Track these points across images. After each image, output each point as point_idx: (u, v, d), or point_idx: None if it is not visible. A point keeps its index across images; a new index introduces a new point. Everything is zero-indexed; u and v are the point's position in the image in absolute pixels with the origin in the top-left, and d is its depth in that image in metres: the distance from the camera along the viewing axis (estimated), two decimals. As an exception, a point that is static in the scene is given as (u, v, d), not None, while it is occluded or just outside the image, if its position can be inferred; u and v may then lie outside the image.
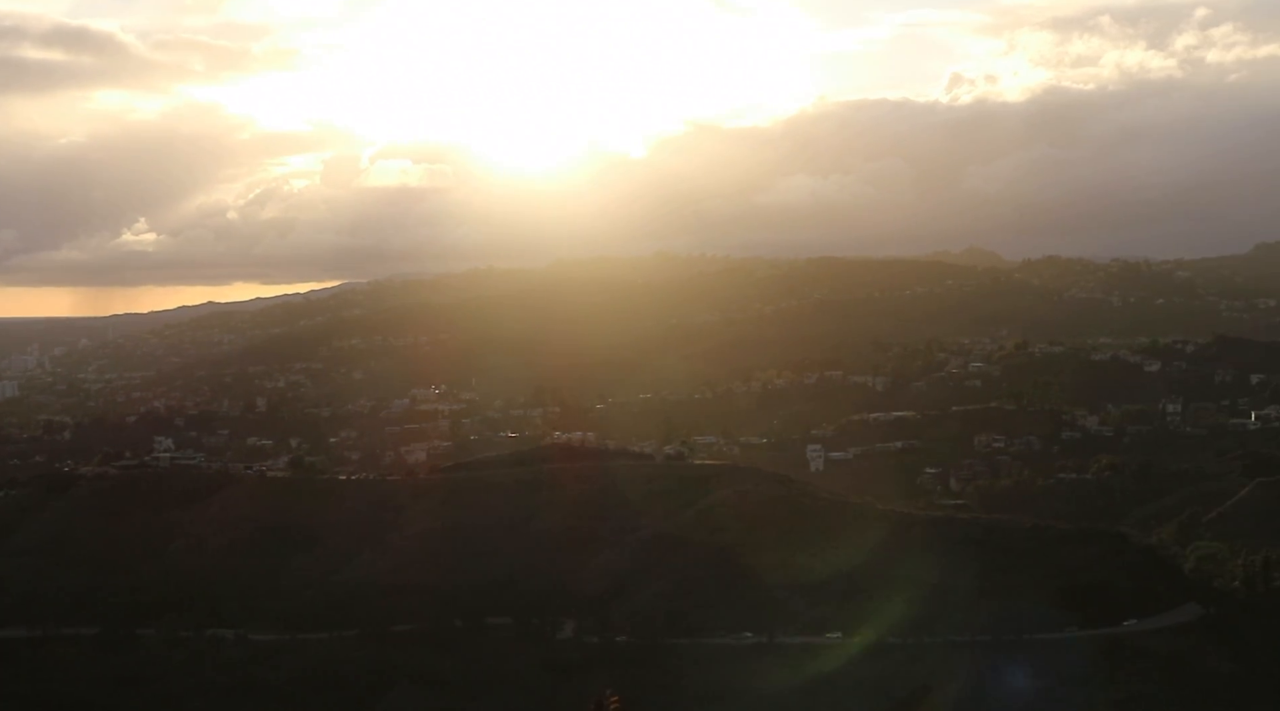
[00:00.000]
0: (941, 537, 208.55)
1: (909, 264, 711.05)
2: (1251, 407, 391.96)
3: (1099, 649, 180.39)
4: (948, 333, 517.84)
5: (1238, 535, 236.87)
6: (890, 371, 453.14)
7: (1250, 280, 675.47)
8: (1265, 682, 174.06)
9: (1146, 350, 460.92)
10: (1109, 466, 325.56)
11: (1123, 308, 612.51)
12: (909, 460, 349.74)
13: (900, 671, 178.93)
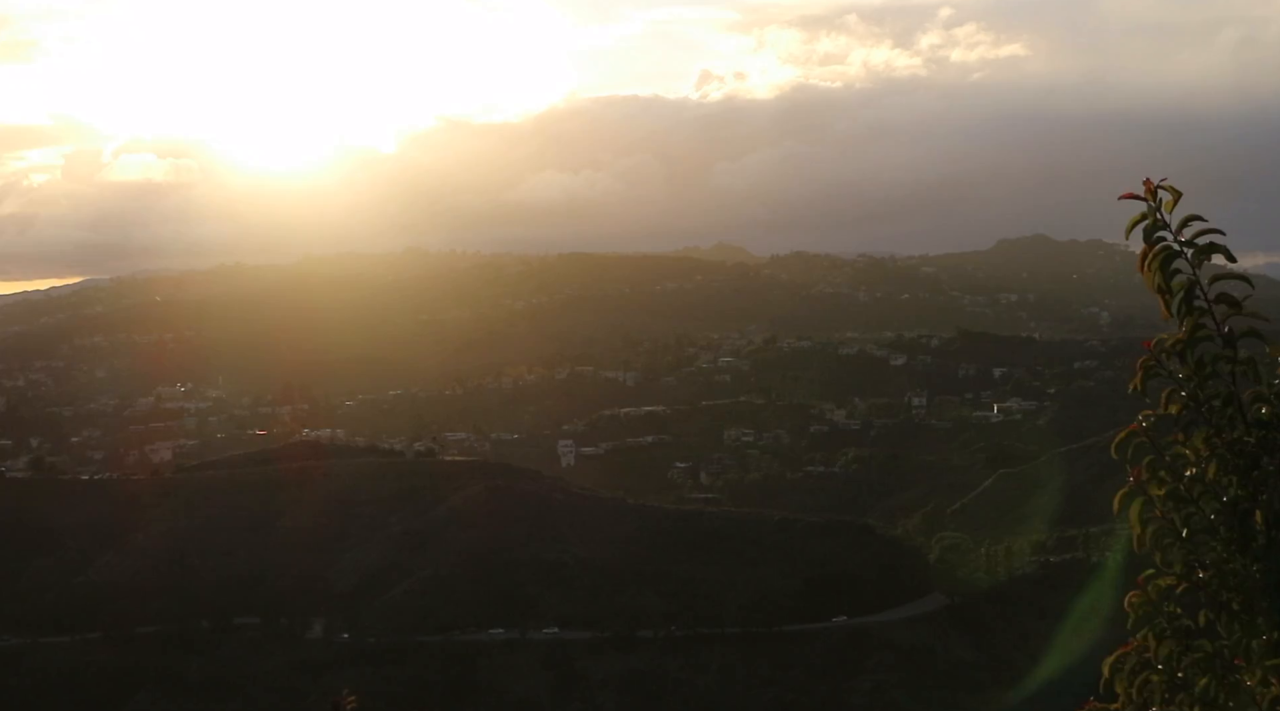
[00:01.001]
0: (691, 531, 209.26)
1: (659, 259, 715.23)
2: (994, 400, 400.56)
3: (846, 639, 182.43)
4: (697, 328, 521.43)
5: (981, 526, 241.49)
6: (641, 366, 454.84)
7: (992, 275, 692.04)
8: (1006, 670, 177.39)
9: (892, 344, 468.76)
10: (856, 459, 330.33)
11: (869, 303, 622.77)
12: (659, 454, 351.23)
13: (652, 665, 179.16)
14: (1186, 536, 8.36)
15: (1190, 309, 8.19)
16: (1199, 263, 8.18)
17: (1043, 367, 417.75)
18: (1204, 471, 8.28)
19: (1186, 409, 8.32)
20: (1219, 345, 8.22)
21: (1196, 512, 8.34)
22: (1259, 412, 8.21)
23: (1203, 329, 8.20)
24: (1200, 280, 8.20)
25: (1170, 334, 8.32)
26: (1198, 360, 8.23)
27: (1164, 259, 8.21)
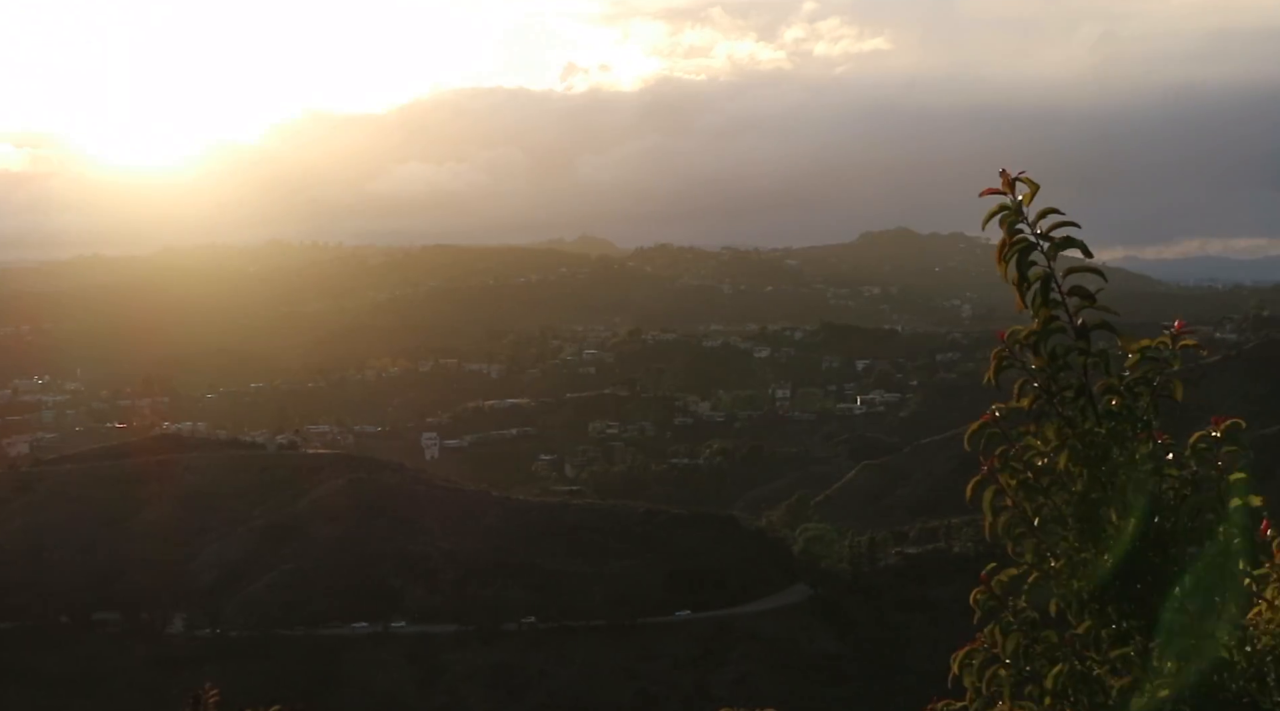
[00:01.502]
0: (556, 524, 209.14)
1: (523, 252, 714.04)
2: (857, 392, 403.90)
3: (711, 631, 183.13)
4: (562, 320, 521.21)
5: (844, 517, 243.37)
6: (505, 359, 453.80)
7: (856, 268, 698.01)
8: (869, 660, 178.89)
9: (756, 337, 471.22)
10: (720, 451, 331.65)
11: (733, 295, 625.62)
12: (524, 447, 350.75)
13: (516, 658, 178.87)
14: (1038, 526, 8.42)
15: (1045, 301, 8.24)
16: (1054, 255, 8.24)
17: (905, 360, 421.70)
18: (1055, 462, 8.34)
19: (1039, 400, 8.38)
20: (1072, 337, 8.28)
21: (1047, 502, 8.40)
22: (1109, 404, 8.28)
23: (1056, 321, 8.26)
24: (1055, 273, 8.26)
25: (1024, 326, 8.38)
26: (1050, 352, 8.28)
27: (1020, 251, 8.26)
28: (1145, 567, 8.08)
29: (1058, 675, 8.31)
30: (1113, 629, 8.24)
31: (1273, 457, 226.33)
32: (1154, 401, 8.32)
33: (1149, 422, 8.29)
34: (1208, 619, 7.97)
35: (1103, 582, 8.13)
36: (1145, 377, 8.31)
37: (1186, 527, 8.08)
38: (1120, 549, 8.11)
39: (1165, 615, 8.08)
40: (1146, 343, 8.34)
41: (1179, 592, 8.06)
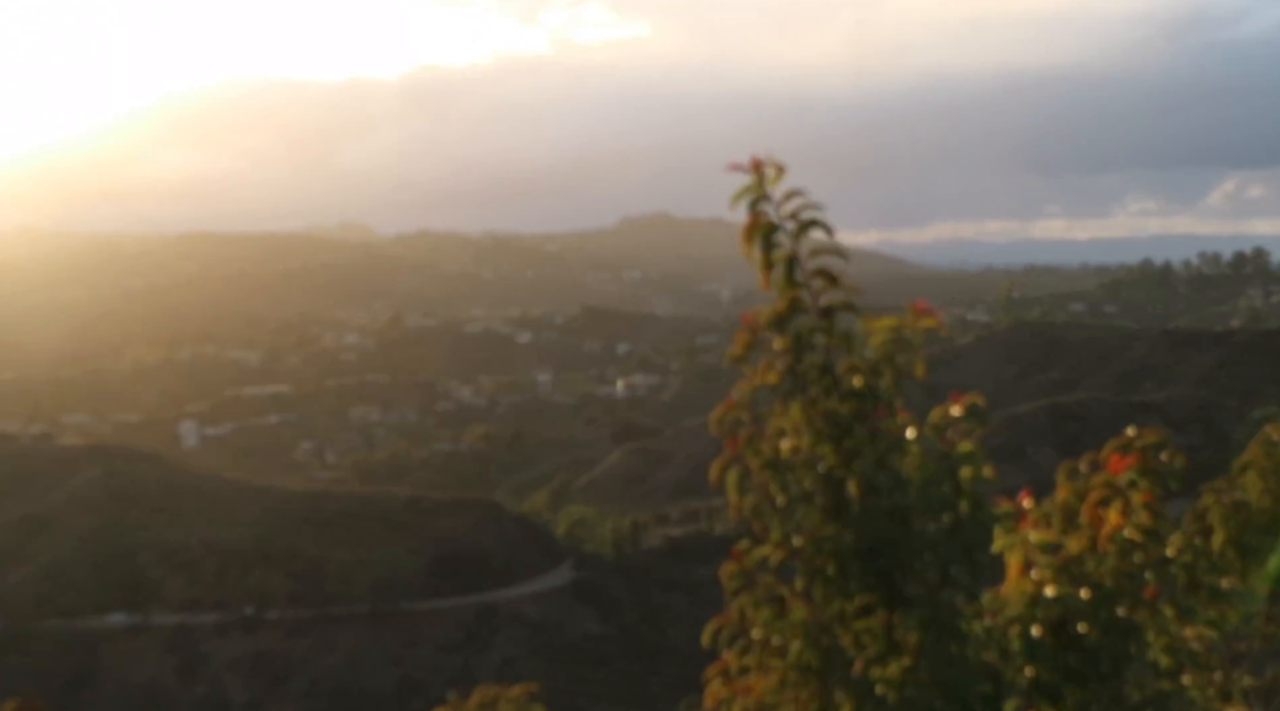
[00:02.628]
0: (318, 511, 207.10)
1: (282, 238, 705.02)
2: (619, 376, 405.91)
3: (475, 616, 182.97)
4: (322, 307, 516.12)
5: (607, 500, 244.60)
6: (265, 346, 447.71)
7: (616, 253, 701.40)
8: (631, 642, 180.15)
9: (518, 321, 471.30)
10: (483, 436, 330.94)
11: (495, 280, 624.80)
12: (285, 435, 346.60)
13: (278, 646, 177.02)
14: (783, 505, 8.56)
15: (789, 282, 8.37)
16: (799, 237, 8.36)
17: (665, 343, 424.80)
18: (800, 441, 8.48)
19: (784, 380, 8.51)
20: (816, 318, 8.42)
21: (793, 482, 8.54)
22: (852, 383, 8.44)
23: (800, 302, 8.40)
24: (799, 254, 8.39)
25: (770, 306, 8.50)
26: (795, 333, 8.41)
27: (765, 232, 8.38)
28: (887, 543, 8.27)
29: (801, 648, 8.47)
30: (857, 603, 8.41)
31: (1024, 436, 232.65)
32: (896, 380, 8.50)
33: (891, 401, 8.46)
34: (946, 590, 8.19)
35: (846, 558, 8.30)
36: (887, 357, 8.49)
37: (925, 502, 8.27)
38: (863, 525, 8.28)
39: (906, 588, 8.28)
40: (888, 322, 8.52)
41: (919, 566, 8.26)
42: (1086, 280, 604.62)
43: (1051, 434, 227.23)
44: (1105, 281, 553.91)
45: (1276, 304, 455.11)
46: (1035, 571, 9.00)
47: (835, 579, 8.40)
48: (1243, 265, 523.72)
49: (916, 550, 8.24)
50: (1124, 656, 8.95)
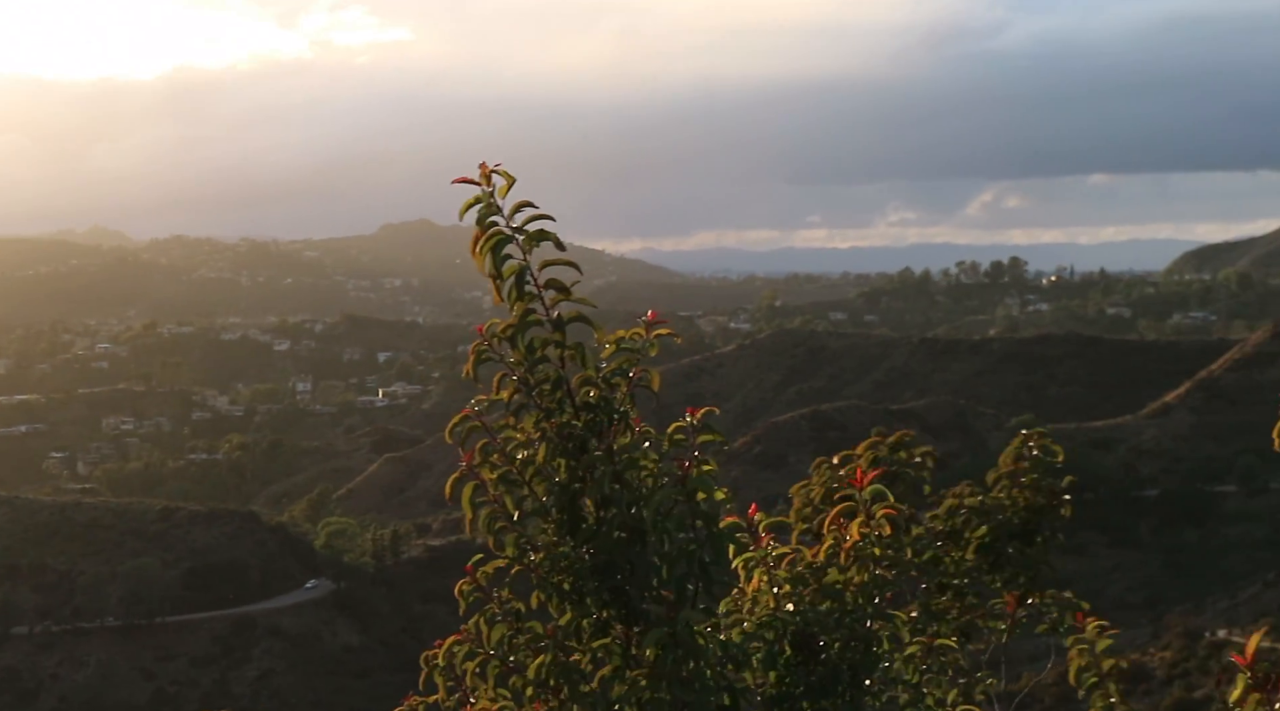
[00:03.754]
0: (68, 523, 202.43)
1: (31, 243, 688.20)
2: (379, 385, 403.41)
3: (231, 629, 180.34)
4: (74, 313, 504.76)
5: (367, 510, 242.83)
6: (13, 354, 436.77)
7: (377, 260, 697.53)
8: (390, 652, 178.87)
9: (276, 329, 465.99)
10: (239, 446, 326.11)
11: (252, 287, 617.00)
12: (34, 445, 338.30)
13: (26, 662, 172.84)
14: (518, 519, 8.45)
15: (521, 294, 8.26)
16: (530, 248, 8.25)
17: (427, 351, 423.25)
18: (535, 455, 8.38)
19: (518, 393, 8.40)
20: (549, 330, 8.32)
21: (528, 496, 8.44)
22: (587, 396, 8.35)
23: (533, 314, 8.28)
24: (531, 266, 8.27)
25: (502, 319, 8.38)
26: (528, 345, 8.30)
27: (495, 244, 8.25)
28: (623, 558, 8.19)
29: (540, 665, 8.37)
30: (593, 619, 8.33)
31: (785, 443, 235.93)
32: (631, 392, 8.42)
33: (626, 414, 8.39)
34: (683, 606, 8.12)
35: (582, 574, 8.21)
36: (621, 369, 8.41)
37: (660, 517, 8.21)
38: (600, 540, 8.20)
39: (643, 604, 8.21)
40: (621, 334, 8.44)
41: (655, 582, 8.20)
42: (847, 289, 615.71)
43: (813, 441, 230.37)
44: (866, 290, 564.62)
45: (1033, 313, 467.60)
46: (776, 584, 9.01)
47: (571, 594, 8.30)
48: (1000, 275, 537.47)
49: (653, 566, 8.18)
50: (864, 667, 8.99)
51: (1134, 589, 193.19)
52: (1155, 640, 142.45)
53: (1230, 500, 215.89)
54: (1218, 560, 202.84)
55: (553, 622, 8.41)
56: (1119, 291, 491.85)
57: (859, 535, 9.09)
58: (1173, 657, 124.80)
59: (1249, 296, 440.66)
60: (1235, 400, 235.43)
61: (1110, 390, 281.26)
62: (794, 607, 8.87)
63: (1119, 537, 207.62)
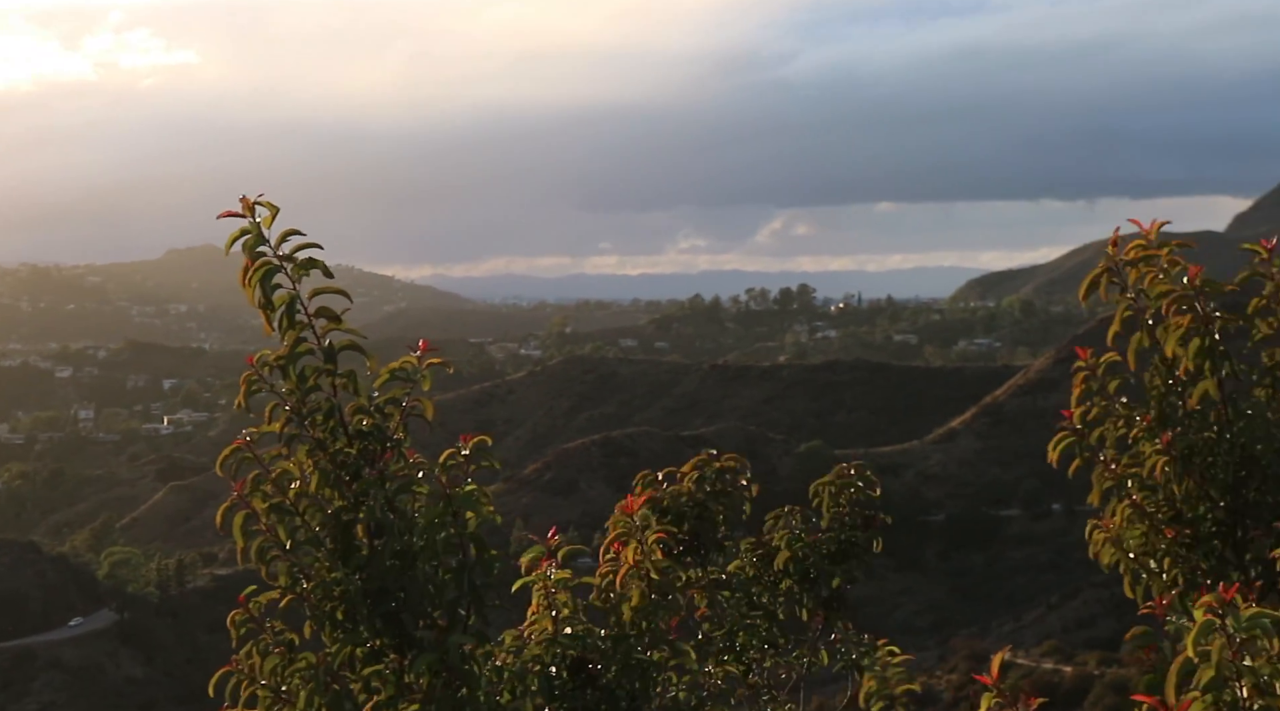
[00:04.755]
0: None
1: None
2: (164, 413, 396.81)
3: (10, 661, 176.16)
4: None
5: (152, 539, 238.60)
6: None
7: (162, 286, 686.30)
8: (175, 684, 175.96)
9: (57, 356, 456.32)
10: (19, 475, 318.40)
11: (33, 313, 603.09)
12: None
13: None
14: (291, 549, 8.43)
15: (292, 323, 8.25)
16: (299, 277, 8.25)
17: (214, 378, 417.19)
18: (308, 484, 8.37)
19: (290, 423, 8.38)
20: (320, 359, 8.32)
21: (301, 525, 8.42)
22: (360, 424, 8.36)
23: (304, 343, 8.28)
24: (301, 294, 8.27)
25: (273, 349, 8.37)
26: (300, 374, 8.30)
27: (264, 274, 8.24)
28: (395, 586, 8.20)
29: (310, 694, 8.34)
30: (367, 647, 8.32)
31: (576, 470, 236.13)
32: (404, 420, 8.45)
33: (400, 442, 8.41)
34: (455, 632, 8.16)
35: (354, 602, 8.20)
36: (395, 398, 8.44)
37: (431, 545, 8.25)
38: (372, 568, 8.21)
39: (416, 632, 8.23)
40: (395, 365, 8.47)
41: (428, 609, 8.22)
42: (638, 315, 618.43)
43: (603, 467, 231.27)
44: (656, 317, 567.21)
45: (821, 339, 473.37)
46: (555, 610, 9.06)
47: (344, 623, 8.29)
48: (789, 301, 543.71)
49: (425, 593, 8.20)
50: (643, 694, 9.07)
51: (921, 612, 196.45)
52: (942, 663, 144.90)
53: (1014, 524, 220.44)
54: (1003, 583, 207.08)
55: (324, 651, 8.39)
56: (905, 318, 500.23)
57: (633, 560, 9.19)
58: (959, 680, 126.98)
59: (1032, 323, 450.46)
60: (1019, 425, 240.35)
61: (897, 415, 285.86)
62: (572, 632, 8.93)
63: (906, 562, 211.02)
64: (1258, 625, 6.95)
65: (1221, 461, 9.04)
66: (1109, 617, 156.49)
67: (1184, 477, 9.08)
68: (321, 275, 8.23)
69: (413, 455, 8.49)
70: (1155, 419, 9.25)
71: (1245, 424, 9.03)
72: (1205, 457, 9.07)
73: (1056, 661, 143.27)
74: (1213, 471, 9.08)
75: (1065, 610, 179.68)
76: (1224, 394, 9.10)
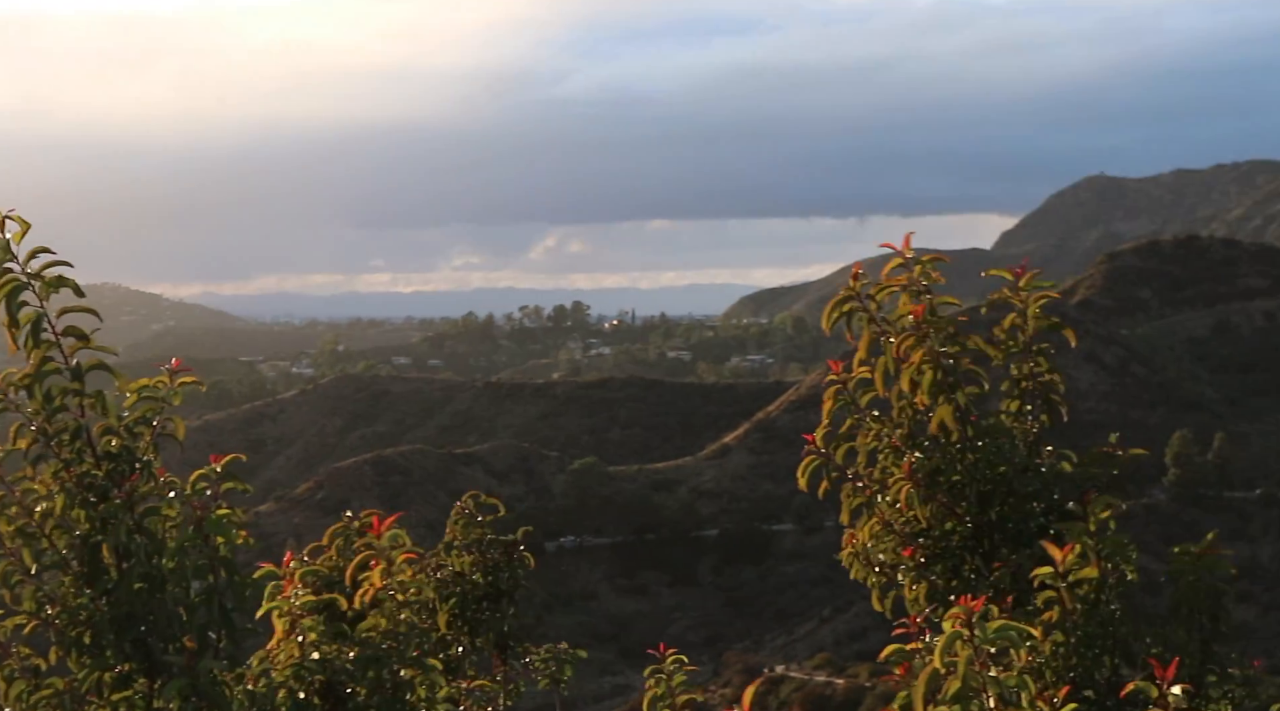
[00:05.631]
0: None
1: None
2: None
3: None
4: None
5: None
6: None
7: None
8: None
9: None
10: None
11: None
12: None
13: None
14: (36, 573, 8.23)
15: (38, 342, 8.07)
16: (47, 295, 8.07)
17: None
18: (54, 506, 8.18)
19: (35, 443, 8.20)
20: (68, 378, 8.15)
21: (48, 548, 8.23)
22: (109, 445, 8.20)
23: (51, 362, 8.11)
24: (49, 313, 8.10)
25: (19, 368, 8.18)
26: (45, 394, 8.12)
27: (10, 292, 8.05)
28: (144, 609, 8.04)
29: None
30: (115, 672, 8.15)
31: (349, 489, 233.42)
32: (154, 441, 8.30)
33: (149, 463, 8.26)
34: (205, 657, 8.03)
35: (101, 627, 8.03)
36: (145, 418, 8.29)
37: (180, 569, 8.11)
38: (119, 592, 8.04)
39: (165, 656, 8.08)
40: (144, 382, 8.31)
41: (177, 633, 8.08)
42: (411, 333, 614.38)
43: (376, 486, 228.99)
44: (430, 335, 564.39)
45: (595, 357, 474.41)
46: (302, 633, 8.92)
47: (91, 648, 8.11)
48: (563, 319, 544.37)
49: (174, 617, 8.05)
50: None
51: (695, 627, 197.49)
52: (716, 677, 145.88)
53: (787, 538, 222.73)
54: (776, 597, 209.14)
55: (72, 677, 8.21)
56: (679, 335, 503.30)
57: (380, 582, 9.09)
58: (733, 695, 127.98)
59: (804, 339, 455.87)
60: (791, 441, 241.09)
61: (671, 432, 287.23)
62: (319, 655, 8.77)
63: (680, 577, 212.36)
64: (1004, 636, 7.12)
65: (967, 479, 9.25)
66: (880, 630, 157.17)
67: (928, 500, 9.28)
68: (72, 294, 8.05)
69: (164, 475, 8.34)
70: (903, 438, 9.45)
71: (985, 445, 9.26)
72: (950, 477, 9.28)
73: (829, 674, 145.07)
74: (959, 490, 9.29)
75: (837, 623, 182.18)
76: (961, 419, 9.32)
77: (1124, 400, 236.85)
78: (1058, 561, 8.57)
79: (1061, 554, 8.57)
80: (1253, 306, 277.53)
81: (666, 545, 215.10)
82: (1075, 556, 8.60)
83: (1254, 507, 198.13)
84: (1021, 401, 9.57)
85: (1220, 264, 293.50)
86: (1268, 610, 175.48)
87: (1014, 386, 9.64)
